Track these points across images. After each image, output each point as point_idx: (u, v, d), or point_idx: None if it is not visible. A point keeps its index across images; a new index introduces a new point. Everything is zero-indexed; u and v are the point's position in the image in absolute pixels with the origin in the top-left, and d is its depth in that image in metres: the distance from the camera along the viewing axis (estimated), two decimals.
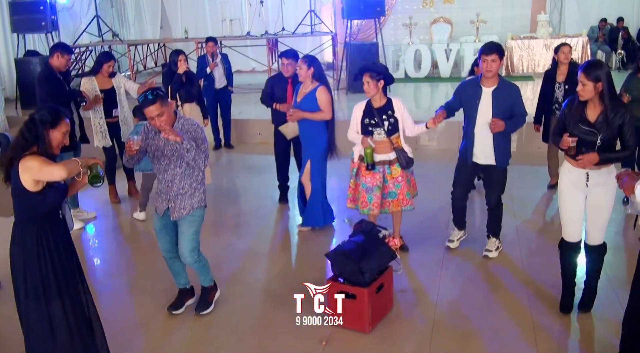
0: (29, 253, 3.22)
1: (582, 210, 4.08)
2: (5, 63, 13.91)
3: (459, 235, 5.45)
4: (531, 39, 13.92)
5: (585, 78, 3.77)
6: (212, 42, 9.23)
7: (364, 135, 4.96)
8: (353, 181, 5.15)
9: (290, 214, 6.67)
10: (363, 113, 4.99)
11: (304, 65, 5.49)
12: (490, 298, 4.59)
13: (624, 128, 3.82)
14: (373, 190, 4.98)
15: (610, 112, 3.79)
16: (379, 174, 4.98)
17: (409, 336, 4.11)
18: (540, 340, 3.95)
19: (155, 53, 16.39)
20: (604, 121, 3.81)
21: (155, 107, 3.82)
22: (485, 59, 4.75)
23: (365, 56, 11.44)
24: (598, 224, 4.07)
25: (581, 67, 3.85)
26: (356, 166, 5.10)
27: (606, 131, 3.82)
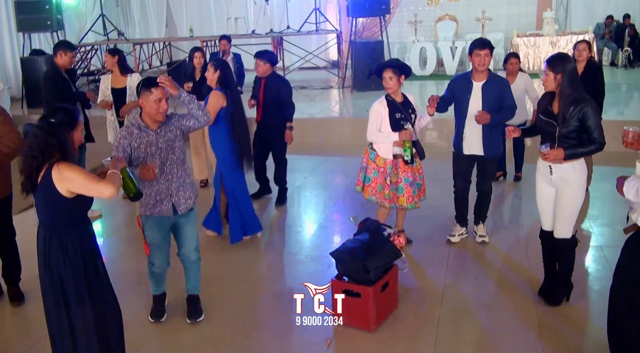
0: (59, 260, 3.15)
1: (550, 202, 4.23)
2: (11, 62, 13.97)
3: (460, 231, 5.50)
4: (537, 37, 13.88)
5: (548, 69, 3.95)
6: (225, 40, 9.26)
7: (394, 131, 4.95)
8: (388, 179, 5.06)
9: (289, 213, 6.67)
10: (389, 109, 4.98)
11: (212, 68, 5.39)
12: (496, 296, 4.58)
13: (587, 122, 3.89)
14: (414, 184, 5.08)
15: (569, 105, 3.89)
16: (414, 167, 5.06)
17: (414, 335, 4.10)
18: (546, 338, 3.94)
19: (160, 52, 16.41)
20: (562, 114, 3.93)
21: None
22: (479, 54, 4.95)
23: (370, 54, 11.45)
24: (561, 218, 4.17)
25: (547, 59, 4.05)
26: (389, 164, 5.03)
27: (563, 123, 3.92)
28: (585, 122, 3.89)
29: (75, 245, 3.17)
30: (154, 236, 4.11)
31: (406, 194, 5.04)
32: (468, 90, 5.08)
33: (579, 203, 4.13)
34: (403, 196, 5.03)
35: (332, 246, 5.40)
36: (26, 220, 6.12)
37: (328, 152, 8.87)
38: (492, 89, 5.02)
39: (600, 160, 6.83)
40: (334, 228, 6.23)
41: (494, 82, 5.05)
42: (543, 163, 4.14)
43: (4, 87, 11.11)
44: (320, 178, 7.92)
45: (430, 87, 13.11)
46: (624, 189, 3.22)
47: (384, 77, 4.94)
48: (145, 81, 3.88)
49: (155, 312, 4.39)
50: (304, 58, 14.21)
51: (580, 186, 4.08)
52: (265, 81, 6.40)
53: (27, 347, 4.10)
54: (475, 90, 5.05)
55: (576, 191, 4.08)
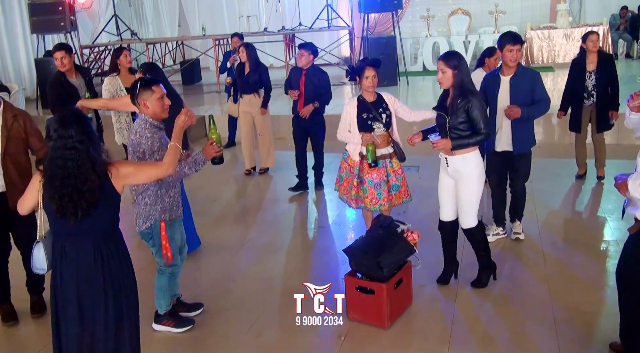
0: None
1: (449, 192, 4.44)
2: (26, 63, 14.10)
3: (495, 231, 5.42)
4: (551, 29, 13.73)
5: (445, 66, 4.12)
6: (237, 38, 9.30)
7: (362, 131, 4.89)
8: (355, 180, 5.03)
9: (302, 210, 6.67)
10: (358, 109, 4.91)
11: (140, 74, 5.19)
12: (511, 292, 4.54)
13: (472, 114, 4.12)
14: (381, 185, 4.92)
15: (457, 97, 4.13)
16: (383, 169, 4.94)
17: (428, 332, 4.08)
18: (561, 335, 3.90)
19: (173, 51, 16.47)
20: (452, 106, 4.16)
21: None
22: (512, 49, 4.88)
23: (383, 50, 11.42)
24: (462, 209, 4.40)
25: (441, 56, 4.23)
26: (357, 165, 5.00)
27: (452, 115, 4.15)
28: (470, 113, 4.12)
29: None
30: (177, 239, 4.06)
31: (369, 196, 4.95)
32: (496, 85, 5.03)
33: (476, 192, 4.32)
34: (367, 198, 4.97)
35: (345, 243, 5.40)
36: None
37: (341, 148, 8.80)
38: (521, 83, 4.93)
39: (615, 154, 6.78)
40: (346, 225, 6.22)
41: (522, 75, 4.96)
42: (441, 155, 4.35)
43: (19, 89, 11.24)
44: (333, 174, 7.81)
45: None
46: (629, 187, 3.16)
47: (367, 75, 4.83)
48: (143, 81, 3.80)
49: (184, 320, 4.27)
50: None
51: (474, 177, 4.28)
52: (306, 72, 6.68)
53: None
54: (504, 84, 4.98)
55: (470, 182, 4.28)
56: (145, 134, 3.75)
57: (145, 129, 3.76)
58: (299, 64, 6.82)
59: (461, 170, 4.26)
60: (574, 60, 6.79)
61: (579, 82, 6.52)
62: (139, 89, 3.74)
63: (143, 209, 3.86)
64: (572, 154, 7.09)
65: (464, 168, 4.25)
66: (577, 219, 5.98)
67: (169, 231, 3.93)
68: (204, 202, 6.89)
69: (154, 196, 3.84)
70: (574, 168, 7.01)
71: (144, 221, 3.88)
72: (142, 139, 3.74)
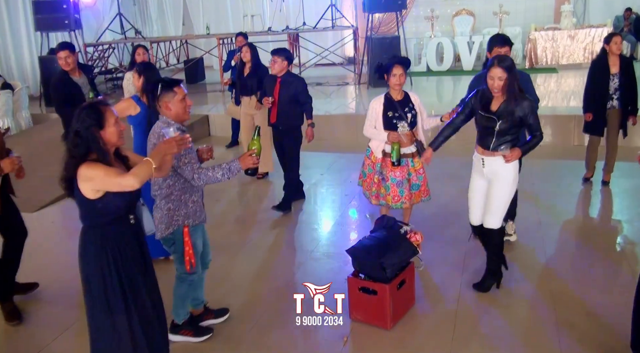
0: (92, 262, 3.07)
1: (481, 195, 4.38)
2: (29, 61, 14.11)
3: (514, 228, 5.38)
4: (555, 30, 13.71)
5: (503, 71, 3.99)
6: (241, 37, 9.25)
7: (387, 129, 4.94)
8: (376, 177, 5.12)
9: (305, 210, 6.67)
10: (384, 107, 4.97)
11: (136, 74, 5.21)
12: (513, 293, 4.53)
13: (530, 119, 4.09)
14: (403, 183, 5.02)
15: (511, 103, 4.04)
16: (405, 167, 5.01)
17: (430, 333, 4.08)
18: (564, 338, 3.89)
19: (177, 50, 16.47)
20: (504, 110, 4.07)
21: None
22: (499, 51, 4.80)
23: (387, 50, 11.38)
24: (491, 209, 4.32)
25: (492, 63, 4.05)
26: (379, 161, 5.07)
27: (506, 119, 4.07)
28: (527, 119, 4.08)
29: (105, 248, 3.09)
30: (198, 245, 3.91)
31: (392, 193, 5.03)
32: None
33: (508, 195, 4.29)
34: (389, 195, 5.04)
35: (348, 243, 5.38)
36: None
37: (344, 148, 8.83)
38: None
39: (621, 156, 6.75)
40: (350, 225, 6.22)
41: None
42: (477, 155, 4.31)
43: (22, 86, 11.23)
44: (336, 175, 7.90)
45: (448, 83, 13.05)
46: None
47: (395, 73, 4.88)
48: (164, 82, 3.69)
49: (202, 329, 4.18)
50: (320, 55, 14.19)
51: (510, 178, 4.24)
52: (281, 80, 6.31)
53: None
54: None
55: (506, 183, 4.25)
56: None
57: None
58: (272, 71, 6.39)
59: (499, 171, 4.21)
60: (595, 61, 6.62)
61: (602, 84, 6.38)
62: (160, 90, 3.63)
63: (166, 214, 3.72)
64: (577, 156, 7.06)
65: (503, 168, 4.19)
66: (580, 224, 5.95)
67: (192, 236, 3.81)
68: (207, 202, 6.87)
69: (178, 201, 3.71)
70: (580, 169, 6.95)
71: (167, 227, 3.74)
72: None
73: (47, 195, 7.27)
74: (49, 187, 7.53)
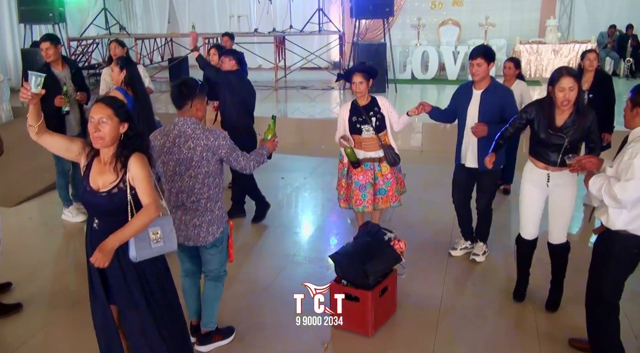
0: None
1: (540, 209, 4.25)
2: (12, 53, 13.90)
3: (463, 245, 5.36)
4: (540, 44, 13.86)
5: (575, 82, 3.83)
6: (227, 37, 9.15)
7: (353, 134, 5.01)
8: (344, 181, 5.21)
9: (287, 214, 6.63)
10: (350, 113, 5.03)
11: (117, 68, 5.21)
12: (495, 303, 4.55)
13: (593, 129, 3.97)
14: (366, 187, 5.06)
15: (579, 116, 3.91)
16: (370, 171, 5.03)
17: (412, 340, 4.07)
18: (544, 346, 3.91)
19: (162, 48, 16.36)
20: (572, 124, 3.92)
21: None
22: (472, 63, 4.81)
23: (373, 56, 11.40)
24: (559, 223, 4.21)
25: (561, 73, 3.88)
26: (346, 166, 5.15)
27: (574, 134, 3.93)
28: (591, 129, 3.96)
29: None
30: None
31: (354, 197, 5.11)
32: (468, 98, 4.92)
33: (574, 207, 4.21)
34: (353, 198, 5.13)
35: (330, 249, 5.37)
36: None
37: (328, 153, 8.79)
38: (492, 98, 4.80)
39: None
40: (332, 230, 6.20)
41: (494, 91, 4.83)
42: (538, 170, 4.14)
43: (4, 78, 11.05)
44: (319, 179, 7.88)
45: (432, 91, 13.10)
46: (589, 182, 3.37)
47: (354, 81, 4.91)
48: (202, 85, 3.65)
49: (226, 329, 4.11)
50: (305, 58, 14.17)
51: (576, 189, 4.13)
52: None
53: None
54: (475, 98, 4.87)
55: (573, 195, 4.15)
56: (219, 133, 3.60)
57: (210, 131, 3.59)
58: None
59: (568, 183, 4.07)
60: None
61: None
62: (198, 91, 3.59)
63: (217, 215, 3.67)
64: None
65: (570, 182, 4.06)
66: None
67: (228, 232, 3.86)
68: None
69: (221, 199, 3.73)
70: None
71: (218, 227, 3.69)
72: (222, 140, 3.58)
73: (26, 190, 7.16)
74: (28, 181, 7.43)
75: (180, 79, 3.73)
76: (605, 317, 3.49)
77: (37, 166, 7.57)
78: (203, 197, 3.60)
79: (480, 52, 4.79)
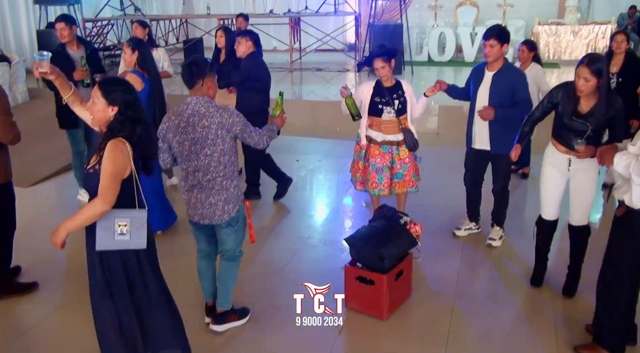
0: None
1: (561, 192, 4.23)
2: (27, 34, 13.95)
3: (467, 225, 5.37)
4: (558, 25, 13.63)
5: (590, 74, 3.71)
6: (241, 18, 9.09)
7: (373, 115, 4.94)
8: (361, 163, 5.13)
9: (302, 197, 6.61)
10: (373, 91, 4.94)
11: (128, 49, 5.11)
12: (511, 289, 4.51)
13: (618, 119, 3.87)
14: (383, 171, 4.99)
15: (605, 105, 3.81)
16: (388, 154, 4.97)
17: (426, 324, 4.05)
18: (560, 332, 3.88)
19: (177, 29, 16.32)
20: (597, 112, 3.84)
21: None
22: (485, 44, 4.75)
23: (389, 37, 11.27)
24: (581, 206, 4.16)
25: (586, 61, 3.75)
26: (364, 148, 5.06)
27: (598, 121, 3.86)
28: (616, 118, 3.86)
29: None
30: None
31: (371, 180, 5.04)
32: (480, 80, 4.87)
33: (595, 189, 4.16)
34: (369, 181, 5.06)
35: (345, 232, 5.36)
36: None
37: (343, 135, 8.75)
38: (503, 80, 4.73)
39: None
40: (347, 213, 6.17)
41: (506, 73, 4.75)
42: (559, 154, 4.08)
43: (19, 60, 11.09)
44: (334, 162, 7.84)
45: (448, 73, 12.96)
46: (615, 160, 3.24)
47: (376, 67, 4.84)
48: (211, 64, 3.64)
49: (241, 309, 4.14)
50: (321, 40, 14.07)
51: (597, 173, 4.07)
52: (243, 62, 5.98)
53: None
54: (486, 80, 4.82)
55: (595, 178, 4.09)
56: (233, 111, 3.60)
57: (224, 108, 3.57)
58: (237, 54, 6.03)
59: (589, 169, 4.00)
60: None
61: None
62: (208, 70, 3.58)
63: (232, 193, 3.66)
64: None
65: (592, 166, 3.97)
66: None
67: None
68: None
69: (237, 177, 3.71)
70: None
71: (234, 206, 3.69)
72: (235, 117, 3.56)
73: (42, 170, 7.19)
74: (44, 162, 7.47)
75: (190, 59, 3.72)
76: (623, 300, 3.44)
77: (53, 147, 7.60)
78: (219, 175, 3.59)
79: (494, 33, 4.71)
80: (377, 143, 4.97)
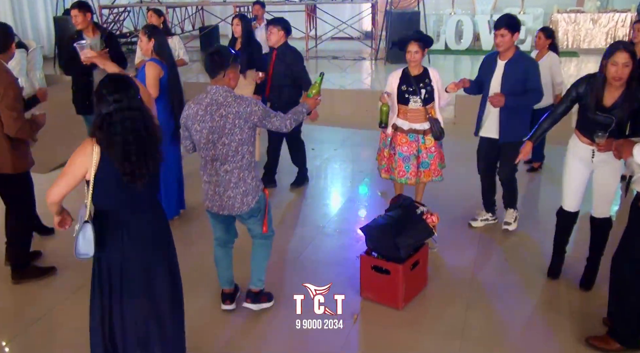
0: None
1: (583, 183, 4.17)
2: (44, 21, 14.00)
3: (484, 216, 5.36)
4: (578, 13, 13.44)
5: (630, 57, 3.63)
6: (258, 5, 9.05)
7: (400, 103, 4.91)
8: (387, 151, 5.09)
9: (317, 186, 6.60)
10: (400, 81, 4.91)
11: (145, 37, 5.06)
12: (527, 280, 4.49)
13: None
14: (410, 159, 4.96)
15: (632, 94, 3.71)
16: (414, 143, 4.94)
17: (442, 315, 4.05)
18: (576, 324, 3.86)
19: (193, 16, 16.29)
20: (622, 104, 3.74)
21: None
22: (496, 34, 4.76)
23: (406, 25, 11.21)
24: (604, 198, 4.13)
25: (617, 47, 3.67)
26: (390, 136, 5.03)
27: (622, 113, 3.75)
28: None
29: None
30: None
31: (397, 168, 5.01)
32: (492, 69, 4.89)
33: (618, 181, 4.13)
34: (396, 170, 5.03)
35: (360, 221, 5.36)
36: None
37: (358, 124, 8.72)
38: (515, 69, 4.74)
39: None
40: (362, 202, 6.17)
41: (518, 62, 4.77)
42: (583, 145, 4.02)
43: (37, 46, 11.13)
44: (349, 151, 7.83)
45: (465, 62, 12.85)
46: (634, 151, 3.22)
47: (409, 50, 4.80)
48: (235, 55, 3.63)
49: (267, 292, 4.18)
50: (337, 28, 14.00)
51: (620, 164, 4.00)
52: (276, 52, 5.99)
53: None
54: (498, 69, 4.84)
55: (618, 170, 4.04)
56: (251, 100, 3.58)
57: (242, 98, 3.56)
58: (269, 43, 6.05)
59: (612, 161, 3.87)
60: None
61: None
62: (231, 61, 3.56)
63: (250, 184, 3.66)
64: None
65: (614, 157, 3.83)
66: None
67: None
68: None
69: (254, 168, 3.71)
70: None
71: (253, 197, 3.69)
72: (254, 106, 3.54)
73: (60, 156, 7.22)
74: (62, 148, 7.49)
75: (214, 48, 3.69)
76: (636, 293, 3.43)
77: (71, 133, 7.64)
78: (236, 166, 3.59)
79: (503, 22, 4.71)
80: (404, 131, 4.94)
